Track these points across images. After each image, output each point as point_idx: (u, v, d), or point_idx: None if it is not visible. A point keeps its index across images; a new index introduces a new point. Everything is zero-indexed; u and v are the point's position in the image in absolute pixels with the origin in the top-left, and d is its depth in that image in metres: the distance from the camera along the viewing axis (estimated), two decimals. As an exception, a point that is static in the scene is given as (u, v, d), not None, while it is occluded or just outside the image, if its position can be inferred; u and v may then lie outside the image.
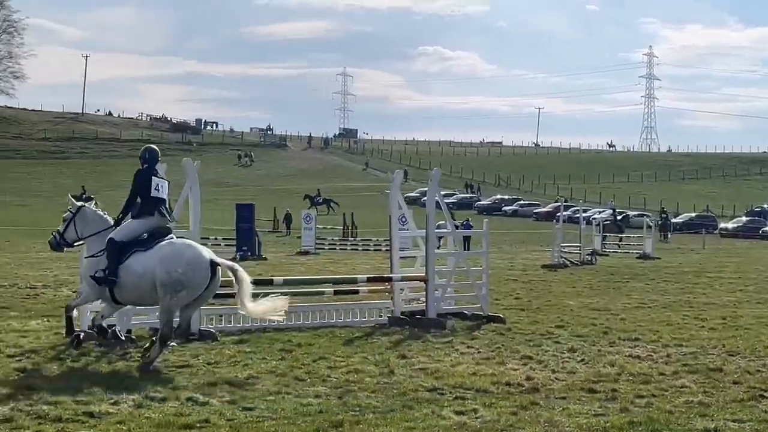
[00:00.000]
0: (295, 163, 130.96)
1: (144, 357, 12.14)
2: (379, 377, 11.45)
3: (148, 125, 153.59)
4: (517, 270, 31.83)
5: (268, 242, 55.38)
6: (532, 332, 15.67)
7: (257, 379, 11.21)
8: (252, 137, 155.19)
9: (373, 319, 16.88)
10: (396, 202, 17.64)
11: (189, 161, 15.08)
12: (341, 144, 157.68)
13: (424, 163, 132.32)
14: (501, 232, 72.00)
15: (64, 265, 29.29)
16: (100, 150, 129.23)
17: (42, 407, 9.39)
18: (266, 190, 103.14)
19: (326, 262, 35.48)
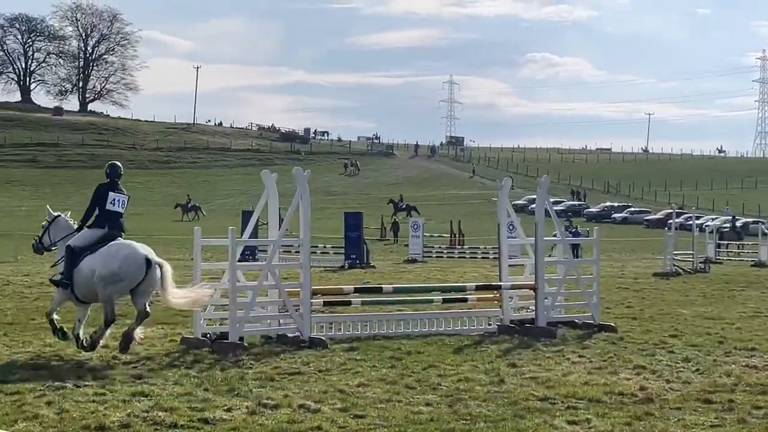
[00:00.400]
0: (402, 172, 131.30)
1: (92, 338, 13.80)
2: (489, 386, 11.40)
3: (257, 135, 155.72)
4: (628, 278, 31.38)
5: (375, 250, 55.63)
6: (644, 341, 15.42)
7: (367, 387, 11.25)
8: (359, 146, 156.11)
9: (482, 327, 16.81)
10: (504, 210, 17.55)
11: (299, 170, 15.22)
12: (448, 152, 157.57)
13: (532, 171, 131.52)
14: (611, 240, 71.15)
15: (177, 273, 29.81)
16: (210, 160, 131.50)
17: (158, 413, 9.57)
18: (374, 199, 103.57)
19: (434, 270, 35.46)
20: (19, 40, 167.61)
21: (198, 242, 15.04)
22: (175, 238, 52.43)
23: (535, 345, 14.93)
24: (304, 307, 14.89)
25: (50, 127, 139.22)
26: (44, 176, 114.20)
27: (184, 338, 14.83)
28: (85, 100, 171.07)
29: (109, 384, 11.19)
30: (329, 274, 32.72)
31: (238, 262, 14.92)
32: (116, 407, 9.88)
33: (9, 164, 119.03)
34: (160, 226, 70.18)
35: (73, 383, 11.21)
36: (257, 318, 15.31)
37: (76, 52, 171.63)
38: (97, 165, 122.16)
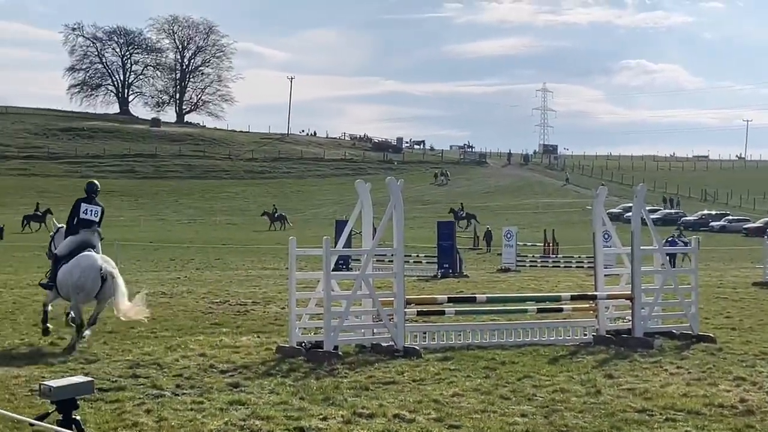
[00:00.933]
0: (495, 180, 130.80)
1: (69, 344, 15.27)
2: (585, 397, 11.28)
3: (350, 145, 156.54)
4: (727, 288, 30.76)
5: (468, 259, 55.43)
6: (744, 352, 15.12)
7: (462, 397, 11.21)
8: (452, 155, 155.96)
9: (577, 337, 16.64)
10: (600, 218, 17.36)
11: (393, 180, 15.25)
12: (541, 160, 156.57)
13: (627, 179, 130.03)
14: (708, 249, 69.93)
15: (272, 283, 30.16)
16: (304, 170, 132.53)
17: (254, 422, 9.66)
18: (467, 207, 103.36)
19: (528, 279, 35.21)
20: (118, 53, 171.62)
21: (293, 252, 15.15)
22: (268, 247, 53.01)
23: (631, 356, 14.74)
24: (398, 317, 14.92)
25: (148, 138, 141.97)
26: (142, 186, 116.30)
27: (280, 347, 14.95)
28: (182, 111, 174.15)
29: (207, 392, 11.34)
30: (422, 284, 32.71)
31: (332, 272, 15.02)
32: (213, 416, 10.00)
33: (108, 175, 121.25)
34: (255, 236, 70.99)
35: (172, 391, 11.39)
36: (351, 327, 15.39)
37: (172, 64, 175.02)
38: (194, 175, 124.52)
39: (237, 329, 18.00)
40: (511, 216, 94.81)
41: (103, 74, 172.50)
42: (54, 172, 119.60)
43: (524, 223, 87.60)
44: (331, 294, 14.67)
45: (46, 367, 13.41)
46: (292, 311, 15.05)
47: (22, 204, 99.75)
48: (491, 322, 17.07)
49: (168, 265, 43.15)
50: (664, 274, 16.99)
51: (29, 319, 18.85)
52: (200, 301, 23.68)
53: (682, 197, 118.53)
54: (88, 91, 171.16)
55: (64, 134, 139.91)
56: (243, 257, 47.88)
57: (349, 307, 14.82)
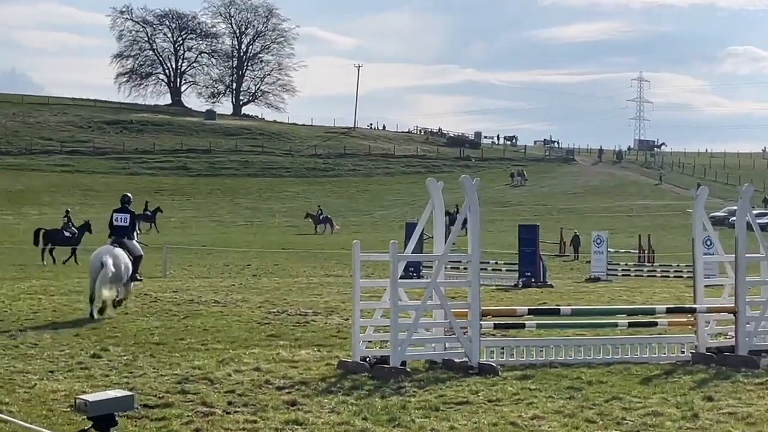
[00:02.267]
0: (584, 179, 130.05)
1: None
2: (681, 421, 11.18)
3: (423, 140, 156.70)
4: None
5: (553, 267, 55.21)
6: None
7: (543, 420, 11.18)
8: (536, 151, 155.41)
9: (673, 355, 16.49)
10: (700, 223, 17.17)
11: (467, 178, 15.24)
12: (636, 157, 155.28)
13: (732, 178, 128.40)
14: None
15: (335, 291, 30.32)
16: (372, 167, 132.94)
17: (311, 442, 9.74)
18: (551, 210, 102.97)
19: (620, 289, 34.96)
20: (170, 39, 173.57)
21: (357, 257, 15.21)
22: (333, 252, 53.25)
23: (734, 376, 14.56)
24: (472, 330, 14.90)
25: (202, 132, 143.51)
26: (195, 185, 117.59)
27: (342, 362, 15.02)
28: (239, 102, 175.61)
29: (261, 411, 11.45)
30: (501, 294, 32.67)
31: (400, 279, 15.06)
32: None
33: (158, 172, 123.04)
34: (317, 240, 71.44)
35: (223, 409, 11.51)
36: (421, 341, 15.41)
37: (229, 50, 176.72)
38: (252, 173, 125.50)
39: (296, 342, 18.14)
40: (602, 219, 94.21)
41: (154, 62, 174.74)
42: (100, 169, 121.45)
43: (617, 227, 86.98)
44: (399, 304, 14.69)
45: (87, 380, 13.63)
46: (356, 323, 15.10)
47: (65, 203, 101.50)
48: (576, 337, 16.94)
49: (222, 271, 43.58)
50: (773, 285, 16.75)
51: (70, 330, 19.20)
52: (256, 311, 23.90)
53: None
54: (137, 80, 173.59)
55: (110, 127, 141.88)
56: (304, 263, 48.19)
57: (418, 318, 14.83)
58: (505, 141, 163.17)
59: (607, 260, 47.52)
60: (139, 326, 20.22)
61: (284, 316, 22.88)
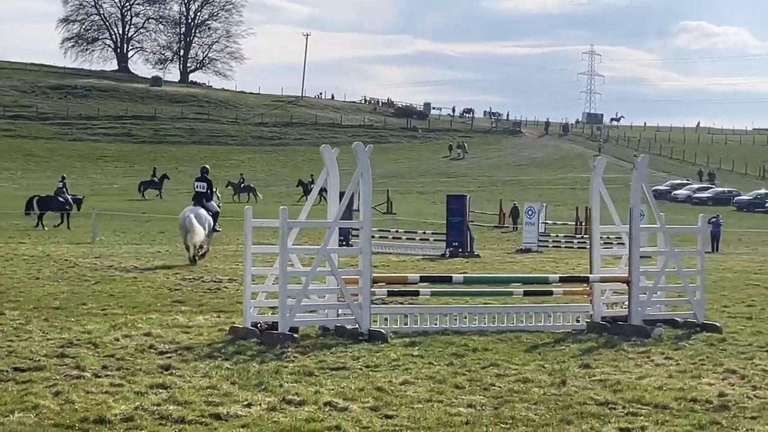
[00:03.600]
0: (529, 152, 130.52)
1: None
2: (548, 388, 11.30)
3: (371, 110, 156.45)
4: (765, 275, 30.65)
5: (490, 238, 55.56)
6: (749, 344, 15.09)
7: (411, 385, 11.26)
8: (483, 123, 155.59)
9: (568, 324, 16.64)
10: (597, 193, 17.31)
11: (360, 145, 15.29)
12: (583, 130, 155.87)
13: (677, 153, 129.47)
14: (761, 232, 69.61)
15: (260, 259, 30.26)
16: (318, 136, 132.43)
17: (168, 407, 9.74)
18: (496, 181, 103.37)
19: (546, 261, 35.21)
20: (117, 4, 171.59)
21: (249, 223, 15.28)
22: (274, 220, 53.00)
23: (620, 345, 14.73)
24: (363, 297, 14.96)
25: (147, 99, 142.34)
26: (139, 152, 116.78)
27: (233, 328, 15.05)
28: (186, 69, 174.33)
29: (131, 375, 11.44)
30: (425, 263, 32.80)
31: (292, 246, 15.13)
32: (127, 399, 10.09)
33: (101, 138, 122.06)
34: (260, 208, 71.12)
35: (94, 373, 11.50)
36: (314, 307, 15.48)
37: (177, 17, 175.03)
38: (198, 140, 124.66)
39: (198, 308, 18.13)
40: (546, 192, 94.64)
41: (101, 27, 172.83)
42: (42, 134, 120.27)
43: (559, 199, 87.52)
44: (289, 270, 14.73)
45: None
46: (247, 288, 15.13)
47: (6, 169, 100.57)
48: (471, 305, 17.08)
49: (154, 238, 43.37)
50: (667, 255, 16.92)
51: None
52: (171, 278, 23.85)
53: (738, 174, 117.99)
54: (83, 46, 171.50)
55: (54, 92, 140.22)
56: (240, 231, 48.01)
57: (308, 284, 14.85)
58: (463, 113, 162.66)
59: (543, 231, 47.86)
60: (46, 291, 20.13)
61: (198, 283, 22.85)
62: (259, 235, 36.74)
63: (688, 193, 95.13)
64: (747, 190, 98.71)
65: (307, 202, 16.36)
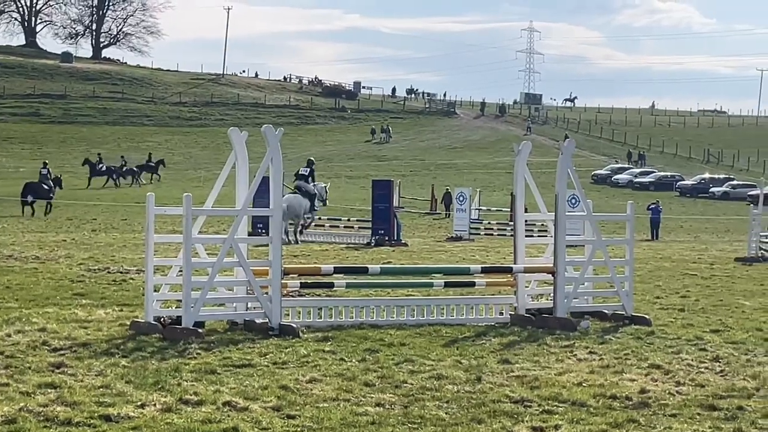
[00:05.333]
0: (465, 134, 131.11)
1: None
2: (462, 385, 11.37)
3: (297, 89, 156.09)
4: (703, 263, 31.13)
5: (421, 225, 55.84)
6: (677, 337, 15.30)
7: (319, 383, 11.27)
8: (416, 103, 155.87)
9: (492, 317, 16.75)
10: (522, 178, 17.43)
11: (270, 128, 15.29)
12: (521, 111, 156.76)
13: (618, 135, 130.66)
14: (704, 218, 70.65)
15: (173, 248, 30.08)
16: (241, 116, 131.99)
17: (55, 408, 9.66)
18: (429, 165, 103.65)
19: (476, 249, 35.44)
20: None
21: (151, 210, 15.21)
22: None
23: (544, 339, 14.86)
24: (273, 289, 14.94)
25: (57, 76, 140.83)
26: (48, 132, 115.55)
27: (134, 322, 14.96)
28: (99, 45, 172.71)
29: (19, 373, 11.32)
30: (350, 252, 32.86)
31: (198, 235, 15.09)
32: (12, 400, 9.98)
33: (8, 118, 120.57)
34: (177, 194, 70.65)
35: (-23, 372, 11.37)
36: (221, 300, 15.45)
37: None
38: (111, 121, 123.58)
39: (101, 301, 18.00)
40: (481, 176, 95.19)
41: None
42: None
43: (495, 184, 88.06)
44: (194, 261, 14.68)
45: None
46: (149, 281, 15.06)
47: None
48: (389, 298, 17.13)
49: (61, 226, 43.07)
50: (595, 245, 17.07)
51: None
52: (75, 268, 23.68)
53: (681, 157, 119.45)
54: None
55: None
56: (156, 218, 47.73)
57: (214, 276, 14.81)
58: (423, 95, 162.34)
59: (475, 218, 48.10)
60: (-62, 283, 19.89)
61: (103, 274, 22.71)
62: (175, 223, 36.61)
63: (630, 178, 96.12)
64: (691, 175, 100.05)
65: (214, 189, 16.28)
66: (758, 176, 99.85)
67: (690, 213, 75.85)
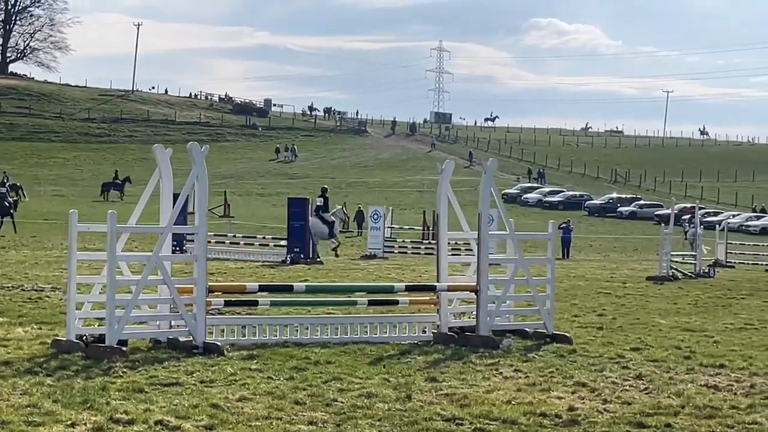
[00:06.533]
0: (375, 152, 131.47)
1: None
2: (393, 403, 11.40)
3: (207, 106, 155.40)
4: (616, 282, 31.53)
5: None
6: (599, 355, 15.48)
7: (249, 401, 11.24)
8: (327, 122, 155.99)
9: (415, 335, 16.80)
10: (445, 197, 17.53)
11: (195, 145, 15.21)
12: (431, 130, 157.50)
13: (527, 155, 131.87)
14: (613, 238, 71.57)
15: (86, 265, 29.77)
16: (151, 133, 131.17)
17: (-20, 430, 9.53)
18: (340, 183, 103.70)
19: (392, 267, 35.52)
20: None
21: (74, 227, 15.07)
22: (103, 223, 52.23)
23: (469, 357, 14.95)
24: (198, 307, 14.86)
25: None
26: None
27: (56, 341, 14.78)
28: (5, 59, 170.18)
29: (-57, 394, 11.14)
30: (266, 270, 32.76)
31: (137, 253, 14.98)
32: (-63, 422, 9.83)
33: None
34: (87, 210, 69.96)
35: None
36: (144, 318, 15.32)
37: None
38: (18, 137, 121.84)
39: (18, 319, 17.74)
40: (392, 194, 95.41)
41: None
42: None
43: (406, 202, 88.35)
44: (117, 279, 14.55)
45: None
46: (71, 298, 14.87)
47: None
48: (312, 316, 17.12)
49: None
50: (517, 263, 17.21)
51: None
52: (-12, 286, 23.29)
53: (589, 177, 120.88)
54: None
55: None
56: (66, 235, 47.21)
57: (138, 294, 14.69)
58: (335, 114, 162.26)
59: (388, 236, 48.20)
60: None
61: (17, 292, 22.38)
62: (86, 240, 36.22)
63: (539, 197, 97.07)
64: (599, 194, 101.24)
65: (138, 206, 16.13)
66: (664, 196, 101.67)
67: (599, 232, 76.74)
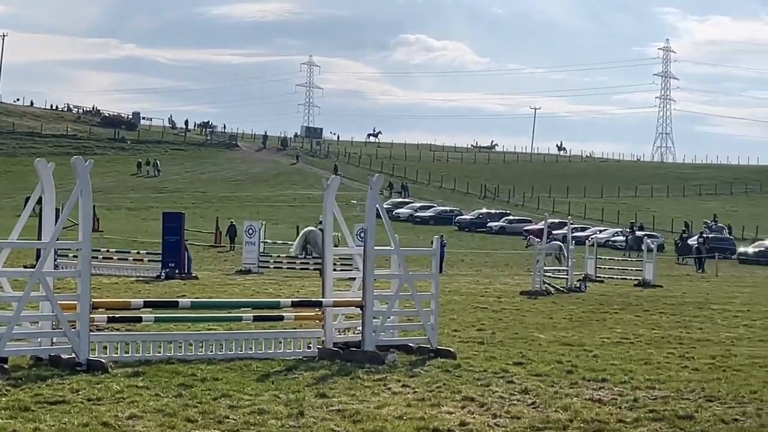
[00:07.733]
0: (247, 166, 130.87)
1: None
2: (285, 419, 11.38)
3: (74, 118, 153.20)
4: (491, 297, 31.88)
5: (207, 258, 55.32)
6: (483, 370, 15.64)
7: (140, 419, 11.11)
8: (197, 135, 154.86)
9: (299, 350, 16.78)
10: (330, 212, 17.55)
11: (80, 159, 15.01)
12: (302, 145, 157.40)
13: (398, 170, 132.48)
14: (483, 252, 72.17)
15: None
16: (16, 146, 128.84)
17: None
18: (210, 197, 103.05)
19: (268, 283, 35.42)
20: None
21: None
22: None
23: (355, 372, 14.97)
24: (81, 324, 14.62)
25: None
26: None
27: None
28: None
29: None
30: (141, 286, 32.37)
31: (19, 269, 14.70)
32: None
33: None
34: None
35: None
36: (25, 335, 15.03)
37: None
38: None
39: None
40: (264, 209, 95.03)
41: None
42: None
43: (278, 217, 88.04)
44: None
45: None
46: (-50, 316, 14.54)
47: None
48: (196, 332, 17.01)
49: None
50: (401, 279, 17.31)
51: None
52: None
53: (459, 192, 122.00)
54: None
55: None
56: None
57: (20, 311, 14.40)
58: (202, 127, 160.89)
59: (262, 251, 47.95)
60: None
61: None
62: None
63: (410, 212, 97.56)
64: (469, 210, 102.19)
65: (20, 221, 15.84)
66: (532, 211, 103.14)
67: (469, 247, 77.31)
